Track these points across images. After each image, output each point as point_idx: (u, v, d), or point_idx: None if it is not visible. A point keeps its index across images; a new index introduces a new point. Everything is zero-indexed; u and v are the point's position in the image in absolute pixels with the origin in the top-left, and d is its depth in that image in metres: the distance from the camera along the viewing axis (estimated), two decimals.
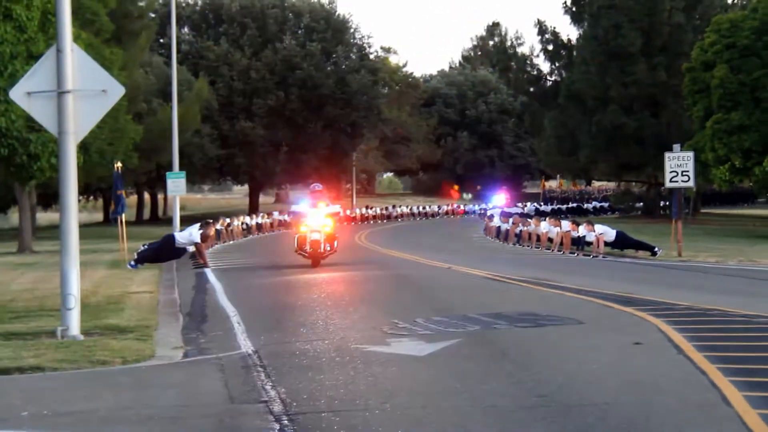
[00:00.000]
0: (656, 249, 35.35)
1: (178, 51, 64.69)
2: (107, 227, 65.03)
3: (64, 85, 14.75)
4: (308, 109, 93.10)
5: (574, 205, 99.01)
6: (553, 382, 10.65)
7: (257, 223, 63.28)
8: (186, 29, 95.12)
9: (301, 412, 9.55)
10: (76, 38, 15.98)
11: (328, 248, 29.61)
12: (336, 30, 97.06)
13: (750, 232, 58.16)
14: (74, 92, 14.83)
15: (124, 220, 35.26)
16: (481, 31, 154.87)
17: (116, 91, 15.48)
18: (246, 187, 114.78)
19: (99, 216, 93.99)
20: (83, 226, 14.78)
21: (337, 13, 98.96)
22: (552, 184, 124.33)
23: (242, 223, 58.45)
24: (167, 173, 47.74)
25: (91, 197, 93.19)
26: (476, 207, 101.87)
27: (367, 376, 11.27)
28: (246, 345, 14.17)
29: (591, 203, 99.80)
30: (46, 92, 14.88)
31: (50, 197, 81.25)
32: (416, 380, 10.96)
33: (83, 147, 38.80)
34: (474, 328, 15.02)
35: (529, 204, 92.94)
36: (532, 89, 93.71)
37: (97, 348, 13.64)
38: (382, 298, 20.38)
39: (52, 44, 15.31)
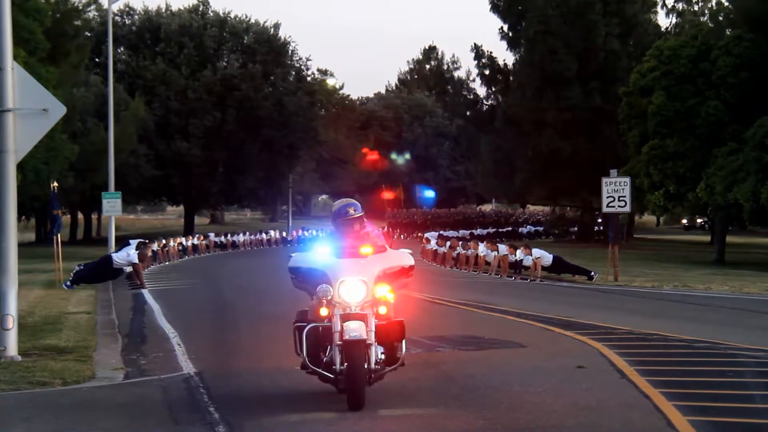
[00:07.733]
0: (593, 273, 35.53)
1: (115, 70, 64.18)
2: (40, 247, 64.26)
3: (5, 103, 14.58)
4: (245, 130, 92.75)
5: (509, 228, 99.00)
6: (499, 405, 10.67)
7: (193, 244, 62.82)
8: (122, 48, 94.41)
9: None
10: (15, 56, 15.76)
11: (382, 357, 11.03)
12: (276, 52, 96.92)
13: (684, 257, 58.78)
14: (15, 111, 14.66)
15: (59, 239, 34.88)
16: (418, 55, 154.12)
17: (57, 110, 15.34)
18: (180, 207, 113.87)
19: (31, 236, 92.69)
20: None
21: (278, 36, 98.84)
22: (490, 206, 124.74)
23: (178, 244, 58.02)
24: (103, 193, 47.24)
25: (23, 217, 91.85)
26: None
27: (312, 398, 11.20)
28: (187, 366, 14.07)
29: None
30: None
31: None
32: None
33: (18, 166, 38.24)
34: (417, 350, 15.02)
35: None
36: (468, 113, 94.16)
37: (36, 369, 13.47)
38: None
39: None
